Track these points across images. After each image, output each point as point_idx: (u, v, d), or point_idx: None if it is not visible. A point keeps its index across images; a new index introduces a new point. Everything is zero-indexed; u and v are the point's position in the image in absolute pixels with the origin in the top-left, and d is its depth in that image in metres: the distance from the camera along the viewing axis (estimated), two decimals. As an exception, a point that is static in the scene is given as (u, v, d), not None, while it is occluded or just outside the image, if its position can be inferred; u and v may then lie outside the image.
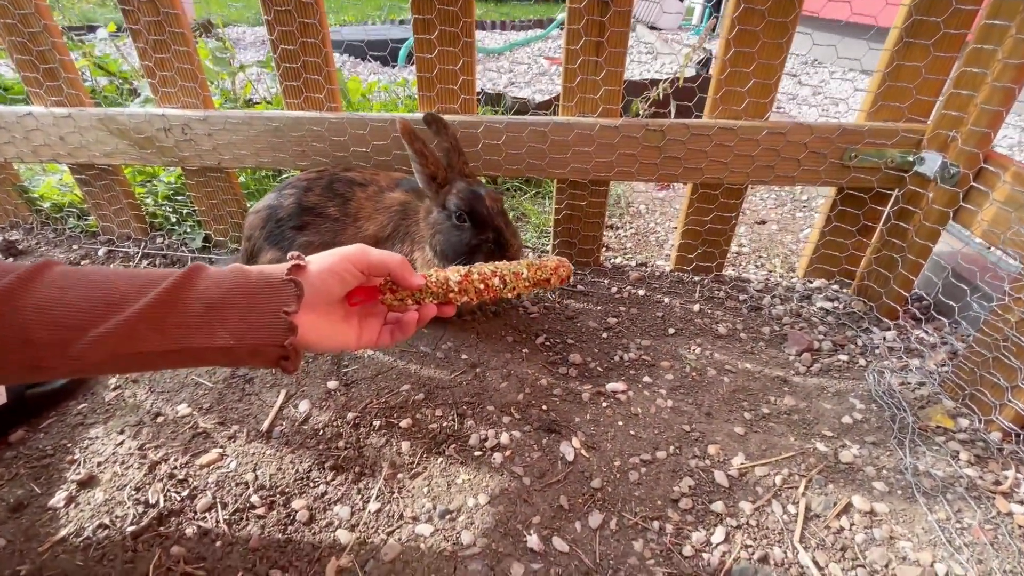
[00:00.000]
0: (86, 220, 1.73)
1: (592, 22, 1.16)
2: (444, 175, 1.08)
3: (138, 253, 1.61)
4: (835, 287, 1.46)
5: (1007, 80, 0.98)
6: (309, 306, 0.69)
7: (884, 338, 1.27)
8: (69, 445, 1.02)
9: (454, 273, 0.81)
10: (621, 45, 1.18)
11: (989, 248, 1.48)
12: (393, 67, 4.14)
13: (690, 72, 3.33)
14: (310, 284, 0.70)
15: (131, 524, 0.87)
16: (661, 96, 2.09)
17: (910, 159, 1.20)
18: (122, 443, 1.02)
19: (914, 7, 1.07)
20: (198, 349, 0.64)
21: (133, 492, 0.92)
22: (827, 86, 3.84)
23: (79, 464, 0.98)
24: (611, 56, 1.20)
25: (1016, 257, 0.99)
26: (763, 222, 1.94)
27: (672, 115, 2.74)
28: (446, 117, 1.25)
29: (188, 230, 1.67)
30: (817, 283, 1.48)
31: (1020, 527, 0.86)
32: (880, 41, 1.17)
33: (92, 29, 4.51)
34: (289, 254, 0.72)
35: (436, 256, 1.11)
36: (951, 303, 1.29)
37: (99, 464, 0.98)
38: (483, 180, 1.25)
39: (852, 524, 0.88)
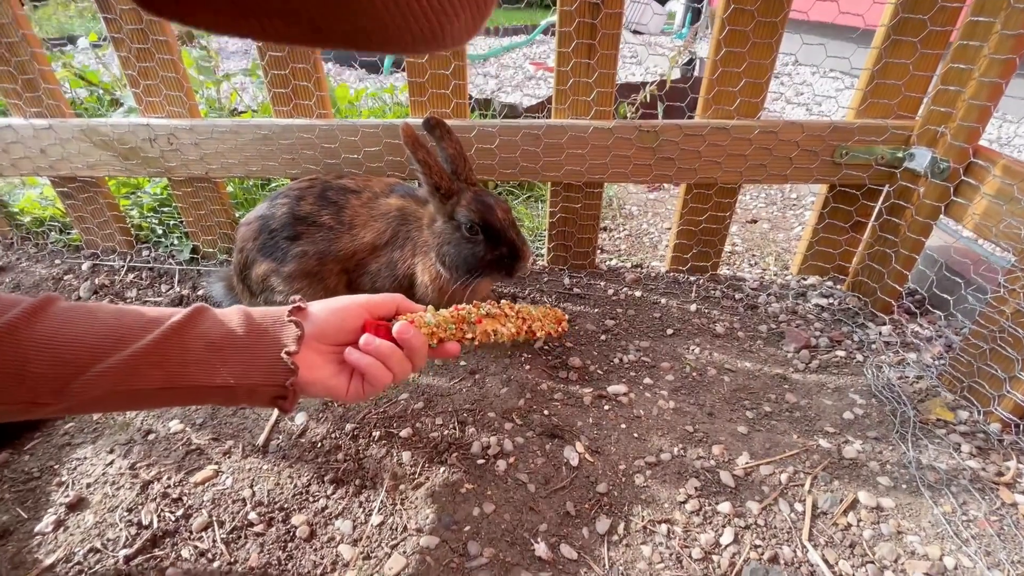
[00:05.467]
0: (68, 234, 1.69)
1: (583, 25, 1.16)
2: (449, 185, 1.06)
3: (123, 267, 1.57)
4: (829, 283, 1.47)
5: (994, 75, 1.00)
6: (309, 344, 0.70)
7: (880, 333, 1.28)
8: (56, 467, 0.98)
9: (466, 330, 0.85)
10: (613, 47, 1.18)
11: (977, 241, 1.51)
12: (380, 75, 4.13)
13: (676, 75, 3.37)
14: (312, 322, 0.71)
15: (124, 547, 0.84)
16: (648, 99, 2.10)
17: (900, 155, 1.21)
18: (112, 463, 0.98)
19: (900, 5, 1.09)
20: (197, 387, 0.64)
21: (125, 513, 0.89)
22: (811, 87, 3.90)
23: (67, 486, 0.94)
24: (603, 58, 1.20)
25: (1009, 249, 1.00)
26: (755, 221, 1.95)
27: (660, 117, 2.77)
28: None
29: (175, 242, 1.63)
30: (811, 280, 1.49)
31: (1025, 517, 0.87)
32: (865, 42, 1.18)
33: (72, 41, 4.43)
34: (291, 298, 0.72)
35: (444, 268, 1.08)
36: (946, 296, 1.30)
37: (88, 485, 0.94)
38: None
39: (859, 520, 0.88)
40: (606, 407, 1.10)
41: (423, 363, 0.80)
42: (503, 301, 0.93)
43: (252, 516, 0.88)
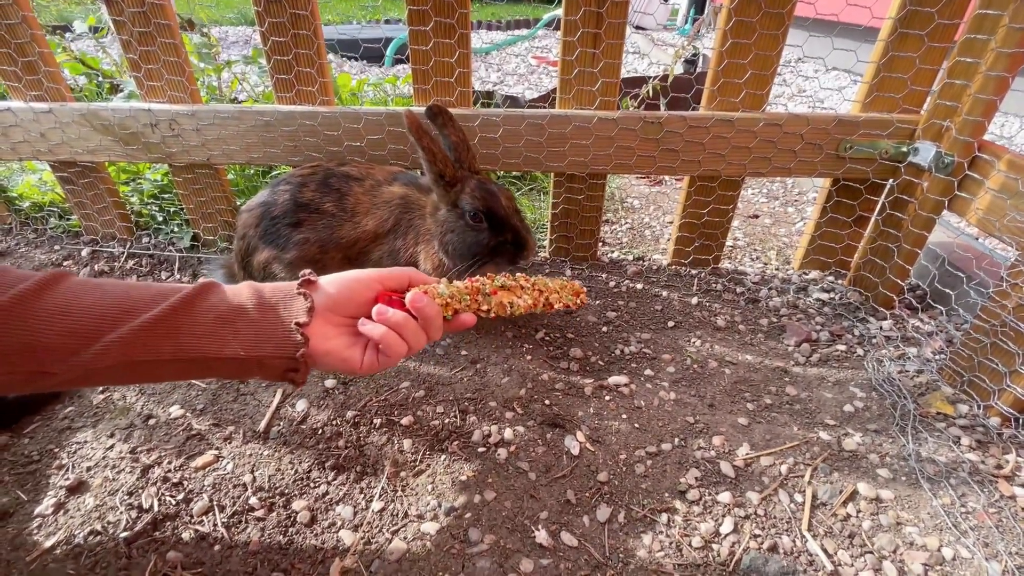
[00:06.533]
0: (68, 220, 1.68)
1: (589, 13, 1.15)
2: (453, 173, 1.05)
3: (123, 253, 1.56)
4: (831, 278, 1.47)
5: (1001, 69, 1.00)
6: (321, 316, 0.69)
7: (881, 327, 1.28)
8: (56, 450, 0.98)
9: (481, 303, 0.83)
10: (618, 37, 1.18)
11: (977, 239, 1.51)
12: (381, 67, 4.10)
13: (679, 70, 3.35)
14: (323, 294, 0.70)
15: (124, 530, 0.84)
16: (651, 93, 2.09)
17: (904, 149, 1.21)
18: (112, 447, 0.98)
19: (908, -2, 1.08)
20: (208, 359, 0.64)
21: (126, 497, 0.89)
22: (816, 80, 3.89)
23: (68, 469, 0.94)
24: (608, 48, 1.19)
25: (1012, 244, 1.00)
26: (756, 216, 1.95)
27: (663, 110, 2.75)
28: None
29: (175, 229, 1.63)
30: (813, 274, 1.49)
31: (1023, 510, 0.87)
32: (870, 39, 1.17)
33: (69, 27, 4.39)
34: (301, 272, 0.72)
35: (447, 256, 1.08)
36: (947, 291, 1.30)
37: (89, 469, 0.94)
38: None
39: (859, 511, 0.88)
40: (607, 397, 1.10)
41: (438, 334, 0.77)
42: (518, 274, 0.91)
43: (253, 501, 0.88)
